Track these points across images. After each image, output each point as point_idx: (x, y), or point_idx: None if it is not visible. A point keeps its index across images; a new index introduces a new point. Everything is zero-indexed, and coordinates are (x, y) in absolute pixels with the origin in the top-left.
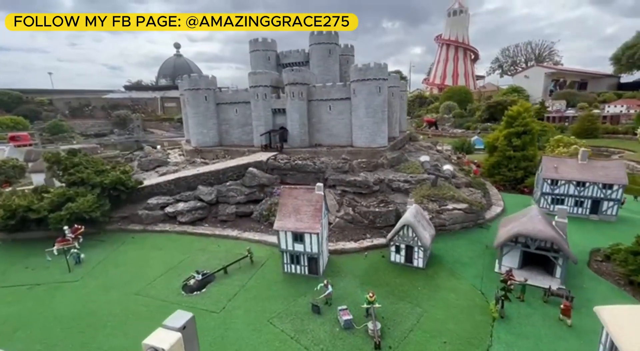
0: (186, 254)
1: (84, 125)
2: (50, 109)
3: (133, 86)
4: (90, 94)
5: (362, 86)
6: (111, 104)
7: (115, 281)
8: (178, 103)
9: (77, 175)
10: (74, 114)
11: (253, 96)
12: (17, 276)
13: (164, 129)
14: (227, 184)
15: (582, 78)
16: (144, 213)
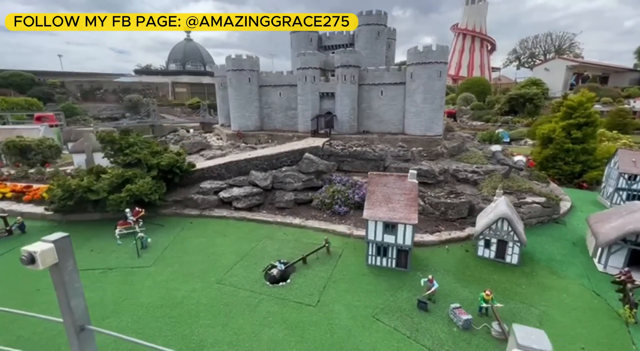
0: (254, 242)
1: (96, 108)
2: (62, 91)
3: (143, 70)
4: (101, 78)
5: (422, 70)
6: (122, 88)
7: (191, 268)
8: (188, 88)
9: (134, 156)
10: (86, 97)
11: (301, 79)
12: (86, 260)
13: (175, 115)
14: (282, 169)
15: (603, 72)
16: (200, 198)
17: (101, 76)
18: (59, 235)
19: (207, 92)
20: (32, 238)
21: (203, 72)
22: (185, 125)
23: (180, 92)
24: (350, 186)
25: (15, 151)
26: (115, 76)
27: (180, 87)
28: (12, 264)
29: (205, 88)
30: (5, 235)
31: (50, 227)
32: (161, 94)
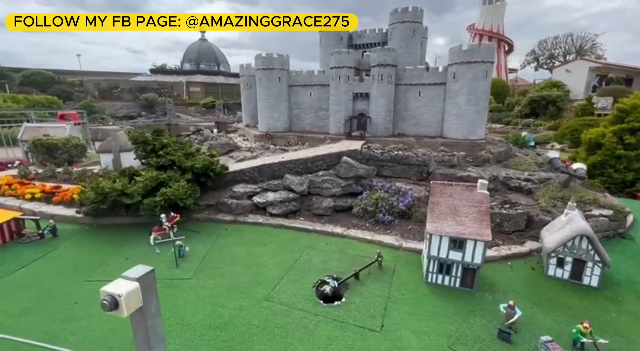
0: (296, 253)
1: (113, 107)
2: (80, 90)
3: (158, 69)
4: (118, 77)
5: (467, 70)
6: (138, 87)
7: (234, 281)
8: (202, 88)
9: (168, 157)
10: (103, 96)
11: (334, 78)
12: (122, 269)
13: (189, 114)
14: (319, 174)
15: (627, 74)
16: (234, 202)
17: (118, 75)
18: (142, 270)
19: (220, 92)
20: (63, 242)
21: (217, 72)
22: (200, 124)
23: (195, 92)
24: (394, 193)
25: (42, 149)
26: (132, 75)
27: (194, 86)
28: (46, 271)
29: (219, 88)
30: (37, 239)
31: (82, 231)
32: (176, 94)
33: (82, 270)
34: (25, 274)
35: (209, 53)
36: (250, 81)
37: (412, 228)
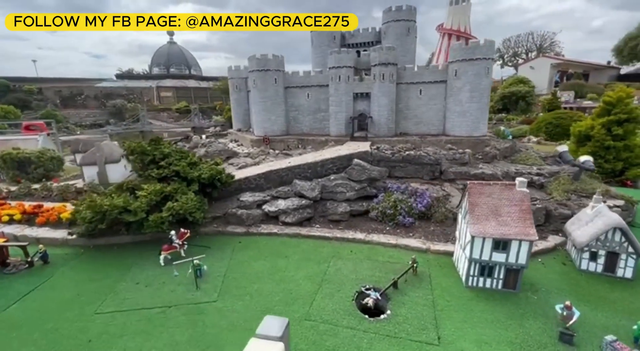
0: (322, 263)
1: (78, 115)
2: (39, 97)
3: (125, 74)
4: (81, 83)
5: (468, 67)
6: (104, 93)
7: (265, 301)
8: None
9: (172, 168)
10: (66, 104)
11: (334, 78)
12: (134, 296)
13: (161, 120)
14: (331, 178)
15: (584, 69)
16: (244, 213)
17: (81, 82)
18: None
19: (193, 96)
20: (58, 269)
21: (188, 76)
22: (176, 130)
23: (166, 97)
24: (411, 194)
25: (12, 164)
26: (96, 81)
27: (165, 91)
28: (45, 305)
29: (191, 92)
30: (24, 267)
31: (76, 255)
32: (146, 99)
33: (88, 301)
34: (20, 310)
35: (179, 56)
36: (240, 84)
37: (435, 229)
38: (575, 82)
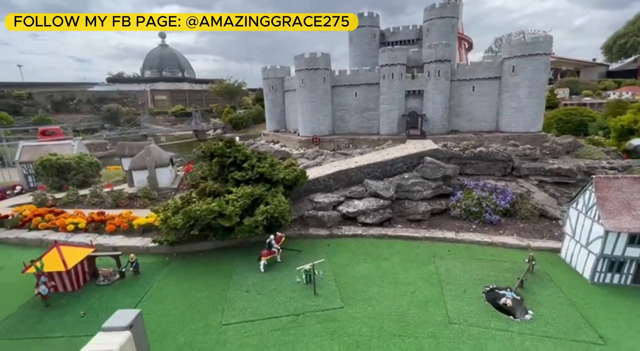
0: (427, 264)
1: (72, 120)
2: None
3: (116, 78)
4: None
5: (528, 63)
6: (97, 98)
7: (396, 305)
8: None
9: (257, 170)
10: (58, 109)
11: (387, 76)
12: (252, 304)
13: (157, 124)
14: (405, 176)
15: (575, 67)
16: (324, 215)
17: (73, 86)
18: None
19: (188, 99)
20: (153, 279)
21: (181, 79)
22: (175, 133)
23: (160, 100)
24: (491, 191)
25: (53, 171)
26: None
27: (159, 94)
28: (162, 318)
29: (186, 95)
30: (117, 278)
31: (163, 263)
32: (140, 103)
33: (205, 311)
34: None
35: (172, 59)
36: (276, 84)
37: (525, 225)
38: (570, 79)
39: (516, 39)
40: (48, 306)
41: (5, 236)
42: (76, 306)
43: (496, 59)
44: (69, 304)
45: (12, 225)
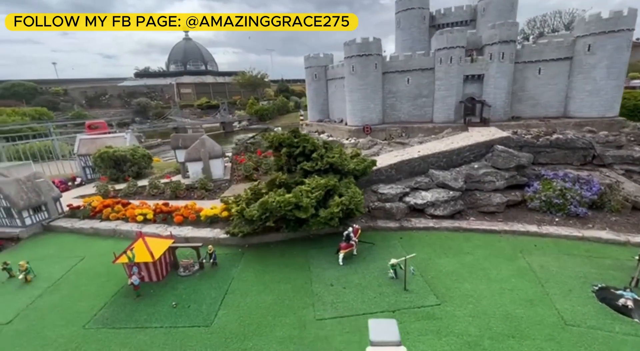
0: (515, 259)
1: (106, 114)
2: (66, 99)
3: (143, 73)
4: (104, 83)
5: (607, 40)
6: (127, 92)
7: (496, 303)
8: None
9: (326, 160)
10: (91, 104)
11: (444, 60)
12: (342, 298)
13: (184, 116)
14: (474, 166)
15: None
16: (393, 206)
17: (104, 82)
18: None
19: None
20: (232, 271)
21: (205, 72)
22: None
23: (186, 93)
24: (574, 181)
25: (110, 163)
26: (118, 80)
27: (184, 88)
28: (252, 311)
29: (210, 88)
30: (196, 269)
31: (237, 255)
32: (167, 97)
33: (293, 305)
34: (232, 317)
35: (195, 53)
36: (319, 72)
37: (617, 219)
38: None
39: (593, 14)
40: (139, 296)
41: (80, 226)
42: (165, 297)
43: (567, 38)
44: (158, 294)
45: (84, 216)
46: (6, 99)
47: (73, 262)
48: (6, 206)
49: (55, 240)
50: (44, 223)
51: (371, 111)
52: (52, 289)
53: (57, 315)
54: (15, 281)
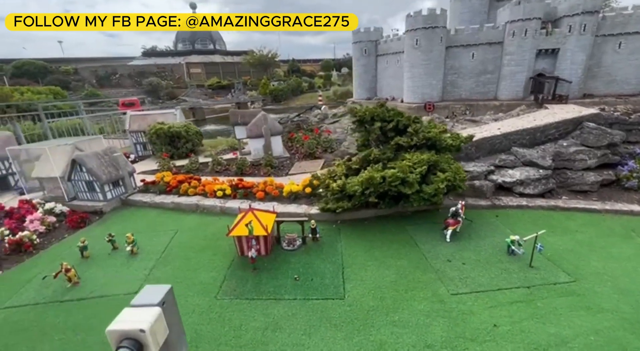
0: (632, 239)
1: (118, 94)
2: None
3: (151, 52)
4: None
5: None
6: (137, 72)
7: (636, 282)
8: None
9: (422, 135)
10: (102, 83)
11: (518, 33)
12: (467, 274)
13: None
14: (563, 144)
15: None
16: (484, 184)
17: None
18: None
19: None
20: (333, 246)
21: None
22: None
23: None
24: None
25: (165, 139)
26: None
27: (194, 67)
28: (379, 288)
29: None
30: (299, 244)
31: (331, 230)
32: (177, 76)
33: (421, 280)
34: (364, 290)
35: (204, 32)
36: (370, 48)
37: None
38: None
39: None
40: (255, 269)
41: (161, 201)
42: (281, 271)
43: None
44: (272, 268)
45: (160, 191)
46: (18, 77)
47: (168, 235)
48: (89, 180)
49: (139, 214)
50: (122, 197)
51: (432, 88)
52: (162, 261)
53: (182, 285)
54: (120, 253)
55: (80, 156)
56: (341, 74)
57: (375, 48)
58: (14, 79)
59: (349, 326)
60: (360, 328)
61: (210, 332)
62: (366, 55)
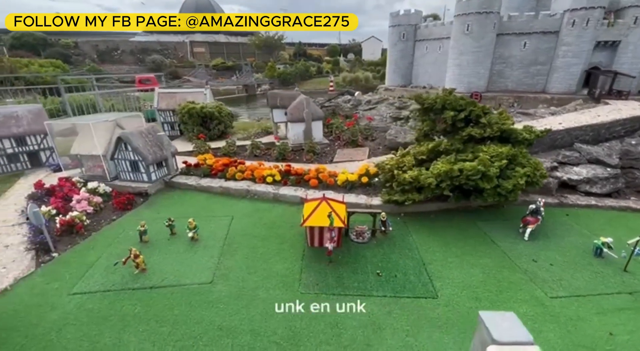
0: None
1: (119, 70)
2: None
3: None
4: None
5: None
6: (139, 48)
7: None
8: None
9: (495, 128)
10: (103, 59)
11: (578, 23)
12: (558, 276)
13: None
14: (632, 142)
15: None
16: (550, 181)
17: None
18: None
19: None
20: (405, 240)
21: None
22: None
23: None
24: None
25: (197, 120)
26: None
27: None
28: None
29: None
30: (368, 237)
31: (396, 222)
32: (180, 55)
33: (513, 280)
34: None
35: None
36: (408, 32)
37: None
38: None
39: None
40: (331, 262)
41: (208, 184)
42: (358, 265)
43: None
44: (348, 261)
45: (204, 174)
46: (17, 48)
47: (224, 222)
48: (133, 160)
49: (186, 197)
50: (165, 179)
51: (480, 77)
52: (228, 249)
53: (258, 276)
54: (179, 239)
55: (126, 133)
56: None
57: (414, 33)
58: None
59: (454, 329)
60: (466, 330)
61: (306, 329)
62: (404, 39)
